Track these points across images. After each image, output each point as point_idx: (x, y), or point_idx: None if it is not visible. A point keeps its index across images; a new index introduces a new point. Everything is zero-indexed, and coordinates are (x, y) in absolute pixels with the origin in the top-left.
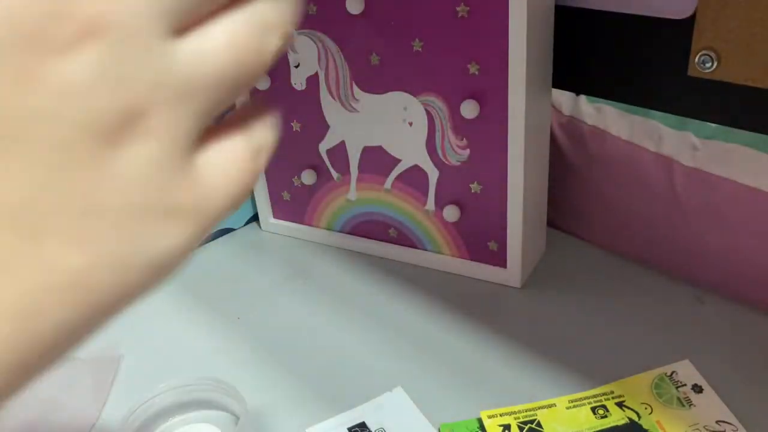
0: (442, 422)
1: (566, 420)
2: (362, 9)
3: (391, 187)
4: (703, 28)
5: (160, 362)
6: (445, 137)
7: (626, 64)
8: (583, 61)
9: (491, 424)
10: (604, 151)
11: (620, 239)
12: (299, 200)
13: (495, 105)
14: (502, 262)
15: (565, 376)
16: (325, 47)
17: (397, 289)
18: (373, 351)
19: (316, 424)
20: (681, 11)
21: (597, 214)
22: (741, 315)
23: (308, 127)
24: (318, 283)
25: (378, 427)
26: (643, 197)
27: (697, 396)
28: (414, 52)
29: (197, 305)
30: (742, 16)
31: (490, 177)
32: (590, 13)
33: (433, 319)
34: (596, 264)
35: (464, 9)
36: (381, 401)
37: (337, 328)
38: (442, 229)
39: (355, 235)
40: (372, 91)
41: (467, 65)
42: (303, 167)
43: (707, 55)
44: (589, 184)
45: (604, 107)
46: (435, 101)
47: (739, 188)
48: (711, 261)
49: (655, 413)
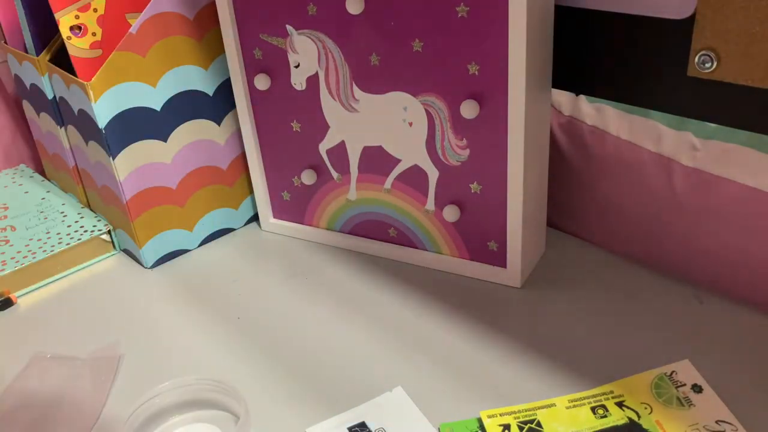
0: (442, 422)
1: (566, 420)
2: (362, 9)
3: (391, 187)
4: (703, 28)
5: (160, 362)
6: (445, 137)
7: (626, 64)
8: (583, 61)
9: (491, 424)
10: (604, 151)
11: (620, 239)
12: (299, 200)
13: (495, 105)
14: (502, 262)
15: (565, 376)
16: (325, 47)
17: (397, 289)
18: (373, 351)
19: (316, 424)
20: (681, 11)
21: (597, 214)
22: (741, 315)
23: (308, 127)
24: (318, 283)
25: (378, 427)
26: (642, 197)
27: (697, 396)
28: (414, 52)
29: (197, 305)
30: (742, 16)
31: (490, 177)
32: (590, 13)
33: (433, 319)
34: (596, 264)
35: (464, 9)
36: (381, 401)
37: (337, 328)
38: (442, 229)
39: (355, 235)
40: (372, 91)
41: (467, 65)
42: (303, 167)
43: (707, 55)
44: (589, 184)
45: (604, 107)
46: (435, 101)
47: (738, 188)
48: (711, 261)
49: (655, 413)
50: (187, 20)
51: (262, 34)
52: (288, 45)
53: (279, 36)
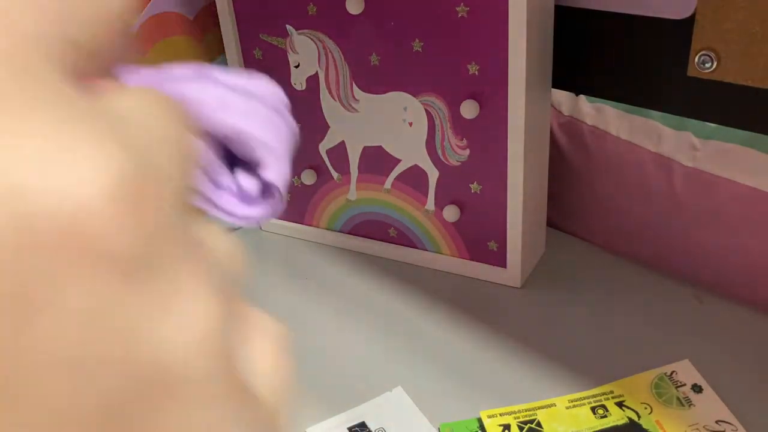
0: (442, 422)
1: (566, 420)
2: (362, 9)
3: (391, 187)
4: (703, 28)
5: None
6: (445, 137)
7: (626, 64)
8: (583, 61)
9: (491, 424)
10: (604, 151)
11: (620, 239)
12: (299, 200)
13: (495, 105)
14: (502, 262)
15: (565, 375)
16: (325, 47)
17: (397, 289)
18: (373, 351)
19: (316, 424)
20: (681, 11)
21: (597, 214)
22: (741, 315)
23: (308, 127)
24: (318, 283)
25: (378, 427)
26: (642, 197)
27: (697, 396)
28: (414, 52)
29: None
30: (742, 16)
31: (490, 177)
32: (590, 13)
33: (433, 319)
34: (596, 264)
35: (464, 9)
36: (381, 401)
37: (337, 328)
38: (442, 229)
39: (355, 235)
40: (372, 91)
41: (467, 65)
42: (303, 167)
43: (707, 55)
44: (588, 184)
45: (604, 107)
46: (435, 101)
47: (738, 188)
48: (711, 261)
49: (655, 413)
50: (187, 20)
51: (262, 34)
52: (288, 45)
53: (279, 36)
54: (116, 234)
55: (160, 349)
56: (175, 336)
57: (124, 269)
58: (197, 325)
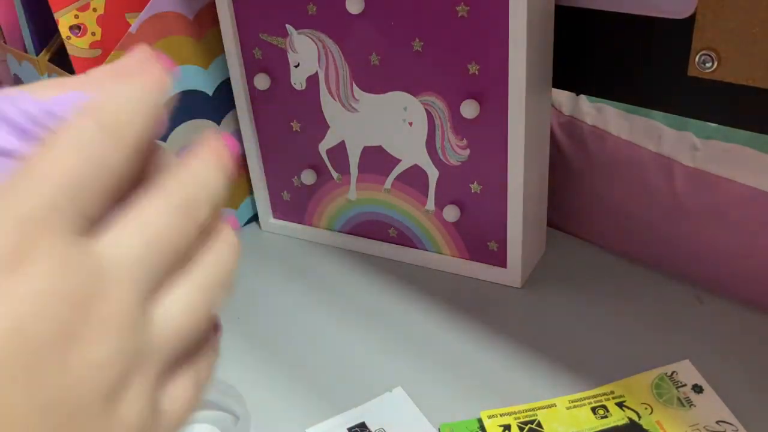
0: (442, 422)
1: (566, 420)
2: (362, 9)
3: (391, 187)
4: (703, 28)
5: None
6: (445, 137)
7: (626, 64)
8: (583, 61)
9: (491, 424)
10: (604, 151)
11: (620, 239)
12: (299, 200)
13: (495, 105)
14: (502, 262)
15: (565, 376)
16: (325, 47)
17: (397, 289)
18: (373, 351)
19: (316, 424)
20: (681, 11)
21: (597, 214)
22: (741, 315)
23: (308, 127)
24: (318, 283)
25: (378, 427)
26: (643, 197)
27: (698, 396)
28: (414, 52)
29: None
30: (742, 16)
31: (490, 177)
32: (590, 13)
33: (433, 319)
34: (596, 264)
35: (464, 9)
36: (381, 401)
37: (337, 328)
38: (442, 229)
39: (355, 235)
40: (372, 91)
41: (467, 65)
42: (303, 167)
43: (707, 55)
44: (589, 184)
45: (604, 107)
46: (435, 101)
47: (739, 188)
48: (711, 261)
49: (656, 413)
50: (187, 20)
51: (262, 34)
52: (288, 45)
53: (279, 36)
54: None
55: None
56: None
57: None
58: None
